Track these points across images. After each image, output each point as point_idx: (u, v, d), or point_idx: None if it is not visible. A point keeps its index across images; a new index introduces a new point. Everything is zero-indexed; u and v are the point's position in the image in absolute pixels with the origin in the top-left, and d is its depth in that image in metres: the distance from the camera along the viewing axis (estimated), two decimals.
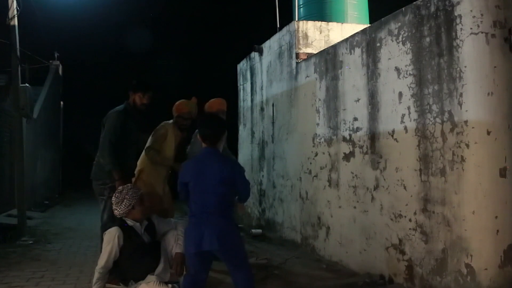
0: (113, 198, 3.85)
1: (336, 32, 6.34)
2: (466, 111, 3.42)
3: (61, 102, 17.02)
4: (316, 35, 6.29)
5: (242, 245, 3.41)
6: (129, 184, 4.07)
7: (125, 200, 3.79)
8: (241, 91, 8.50)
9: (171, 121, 5.02)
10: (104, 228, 4.39)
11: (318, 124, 5.55)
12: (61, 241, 6.72)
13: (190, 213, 3.32)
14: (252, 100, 7.86)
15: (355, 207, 4.77)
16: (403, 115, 4.07)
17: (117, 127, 4.32)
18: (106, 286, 3.81)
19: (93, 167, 4.51)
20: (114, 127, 4.32)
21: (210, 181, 3.24)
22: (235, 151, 8.79)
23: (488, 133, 3.36)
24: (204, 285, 3.38)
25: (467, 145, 3.41)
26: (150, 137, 4.88)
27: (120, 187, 3.94)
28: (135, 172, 4.70)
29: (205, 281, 3.39)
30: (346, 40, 5.03)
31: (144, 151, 4.78)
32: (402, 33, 4.09)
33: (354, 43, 4.83)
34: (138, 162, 4.79)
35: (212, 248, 3.18)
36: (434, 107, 3.72)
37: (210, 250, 3.20)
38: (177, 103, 5.03)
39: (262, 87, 7.36)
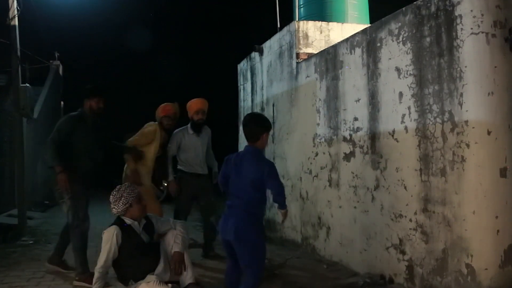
0: (111, 197, 3.86)
1: (337, 32, 6.33)
2: (467, 111, 3.42)
3: (62, 102, 17.03)
4: (317, 35, 6.28)
5: (256, 246, 3.35)
6: (126, 183, 4.09)
7: (122, 198, 3.79)
8: (242, 91, 8.50)
9: (155, 122, 5.28)
10: (71, 227, 4.61)
11: (318, 124, 5.55)
12: None
13: (226, 202, 3.51)
14: (252, 100, 7.85)
15: (355, 207, 4.77)
16: (404, 115, 4.07)
17: (62, 130, 4.60)
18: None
19: (51, 175, 4.69)
20: (59, 130, 4.61)
21: (243, 179, 3.42)
22: (235, 151, 8.79)
23: (489, 133, 3.36)
24: (237, 269, 3.49)
25: (468, 145, 3.41)
26: (135, 136, 5.17)
27: (118, 186, 3.95)
28: (124, 168, 5.06)
29: (236, 266, 3.49)
30: (346, 40, 5.03)
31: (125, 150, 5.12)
32: (403, 33, 4.09)
33: (355, 43, 4.83)
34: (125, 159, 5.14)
35: (229, 238, 3.34)
36: (434, 107, 3.72)
37: (229, 241, 3.36)
38: (163, 105, 5.31)
39: (262, 87, 7.36)
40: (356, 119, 4.80)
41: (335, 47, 5.26)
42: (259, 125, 3.53)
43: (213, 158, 5.86)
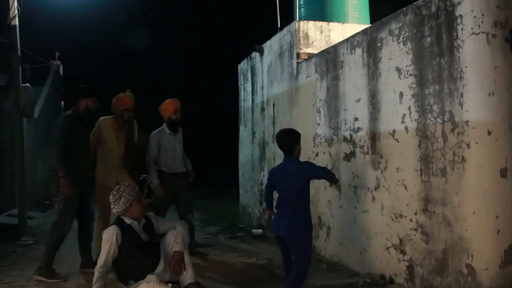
0: (110, 197, 3.84)
1: (337, 32, 6.33)
2: (467, 111, 3.42)
3: (62, 102, 17.02)
4: (317, 35, 6.28)
5: (305, 238, 4.02)
6: (125, 182, 4.08)
7: (122, 198, 3.78)
8: (242, 91, 8.50)
9: (109, 116, 5.22)
10: (53, 226, 4.69)
11: (318, 124, 5.55)
12: None
13: (276, 205, 4.16)
14: (252, 100, 7.86)
15: (355, 207, 4.77)
16: (404, 115, 4.07)
17: (64, 130, 4.61)
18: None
19: (50, 173, 4.76)
20: (61, 130, 4.61)
21: (288, 183, 4.04)
22: (236, 151, 8.80)
23: (489, 133, 3.36)
24: (290, 265, 4.13)
25: (468, 145, 3.41)
26: None
27: (117, 186, 3.94)
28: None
29: (288, 262, 4.18)
30: (347, 40, 5.03)
31: None
32: (403, 33, 4.09)
33: (355, 43, 4.83)
34: None
35: (283, 234, 4.00)
36: (434, 107, 3.72)
37: (283, 236, 4.02)
38: (120, 97, 5.19)
39: (262, 87, 7.36)
40: (356, 119, 4.79)
41: (335, 47, 5.26)
42: (291, 139, 4.19)
43: (186, 158, 5.98)
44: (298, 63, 6.13)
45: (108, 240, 3.69)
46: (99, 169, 5.15)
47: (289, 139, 4.19)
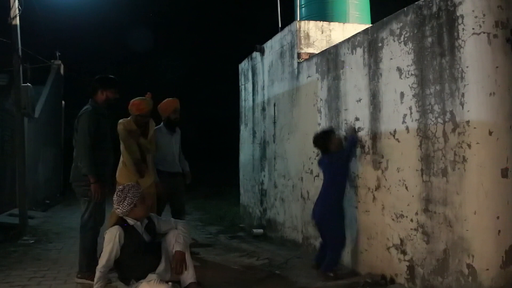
0: (115, 197, 3.84)
1: (338, 32, 6.33)
2: (468, 111, 3.42)
3: (63, 102, 17.03)
4: (318, 35, 6.28)
5: (332, 225, 4.54)
6: (130, 183, 4.08)
7: (127, 199, 3.77)
8: (243, 91, 8.50)
9: (127, 118, 5.05)
10: (84, 228, 4.47)
11: (319, 124, 5.55)
12: (62, 241, 6.74)
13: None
14: (253, 100, 7.86)
15: (356, 207, 4.77)
16: (405, 115, 4.07)
17: (91, 128, 4.33)
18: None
19: (72, 171, 4.52)
20: (88, 128, 4.32)
21: (323, 175, 4.75)
22: (236, 151, 8.80)
23: (490, 133, 3.36)
24: (323, 250, 4.64)
25: (469, 146, 3.41)
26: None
27: (121, 186, 3.94)
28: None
29: (322, 247, 4.71)
30: (347, 40, 5.03)
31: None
32: (404, 33, 4.09)
33: (356, 43, 4.83)
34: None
35: (315, 219, 4.73)
36: (435, 107, 3.72)
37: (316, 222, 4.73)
38: (136, 102, 4.98)
39: (263, 87, 7.36)
40: (357, 119, 4.79)
41: (336, 47, 5.26)
42: (321, 141, 4.74)
43: (184, 159, 5.95)
44: (299, 63, 6.13)
45: (111, 240, 3.69)
46: (119, 170, 5.02)
47: (319, 142, 4.77)
